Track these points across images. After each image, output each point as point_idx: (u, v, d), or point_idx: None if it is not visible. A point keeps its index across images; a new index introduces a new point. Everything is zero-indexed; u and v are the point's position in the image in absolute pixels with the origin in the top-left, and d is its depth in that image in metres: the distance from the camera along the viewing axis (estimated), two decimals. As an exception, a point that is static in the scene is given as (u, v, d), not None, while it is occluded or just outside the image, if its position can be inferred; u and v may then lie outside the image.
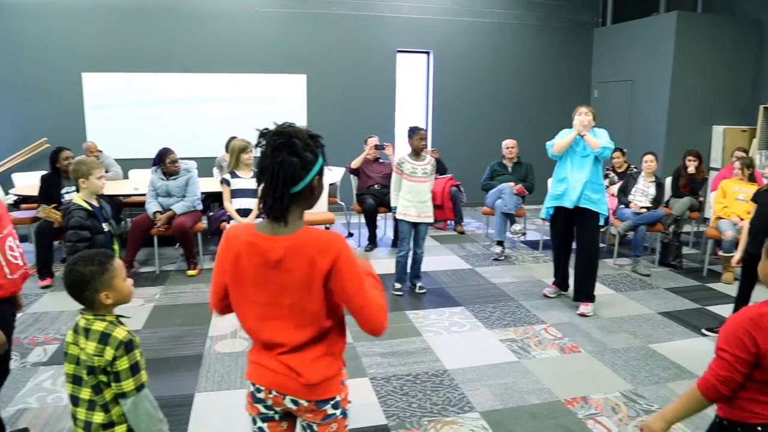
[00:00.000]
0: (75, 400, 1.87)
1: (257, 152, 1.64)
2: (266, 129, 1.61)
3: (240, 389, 3.32)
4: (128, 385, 1.79)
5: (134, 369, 1.81)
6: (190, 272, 5.45)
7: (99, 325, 1.82)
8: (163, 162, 5.45)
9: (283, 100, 8.15)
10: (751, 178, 5.63)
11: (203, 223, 5.76)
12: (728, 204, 5.63)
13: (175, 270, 5.62)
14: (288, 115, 7.93)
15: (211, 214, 5.97)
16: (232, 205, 4.96)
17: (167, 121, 7.82)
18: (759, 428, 1.61)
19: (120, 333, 1.81)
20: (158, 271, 5.53)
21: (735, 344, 1.59)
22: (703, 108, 8.03)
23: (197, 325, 4.27)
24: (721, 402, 1.67)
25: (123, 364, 1.78)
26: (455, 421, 3.04)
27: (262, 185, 1.57)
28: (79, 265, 1.84)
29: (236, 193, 4.98)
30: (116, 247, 3.65)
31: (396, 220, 5.39)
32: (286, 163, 1.54)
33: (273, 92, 8.10)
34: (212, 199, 6.62)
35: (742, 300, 4.03)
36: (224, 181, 5.00)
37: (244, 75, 7.98)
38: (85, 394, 1.84)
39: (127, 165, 7.10)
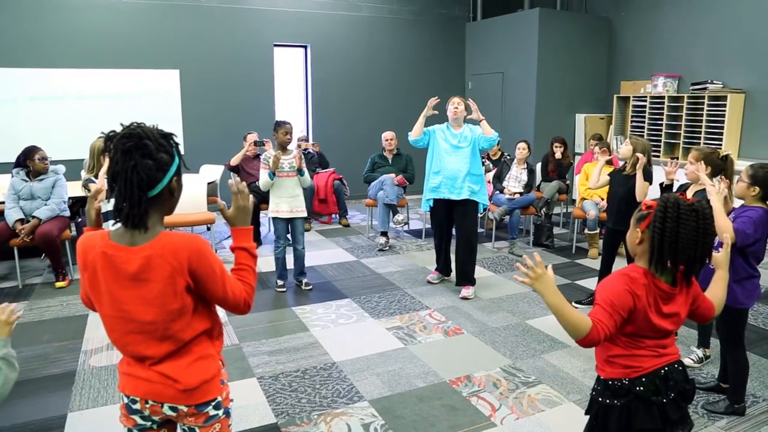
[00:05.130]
0: None
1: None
2: (113, 132, 1.53)
3: (118, 403, 3.13)
4: None
5: None
6: (59, 284, 5.04)
7: None
8: (32, 159, 5.00)
9: (154, 96, 7.74)
10: (609, 162, 6.11)
11: (72, 231, 5.35)
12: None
13: (41, 283, 5.18)
14: (161, 111, 7.64)
15: (80, 220, 5.58)
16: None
17: (26, 120, 7.17)
18: (644, 379, 1.77)
19: None
20: (21, 286, 5.06)
21: (619, 303, 1.72)
22: (567, 98, 8.64)
23: (69, 340, 3.97)
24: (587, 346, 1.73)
25: None
26: (345, 411, 3.06)
27: (115, 192, 1.49)
28: None
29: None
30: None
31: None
32: (140, 167, 1.47)
33: (143, 88, 7.68)
34: (81, 204, 6.18)
35: (605, 271, 4.38)
36: (90, 182, 4.67)
37: (110, 70, 7.48)
38: None
39: (-22, 171, 6.45)
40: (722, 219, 2.75)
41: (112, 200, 1.52)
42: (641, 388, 1.77)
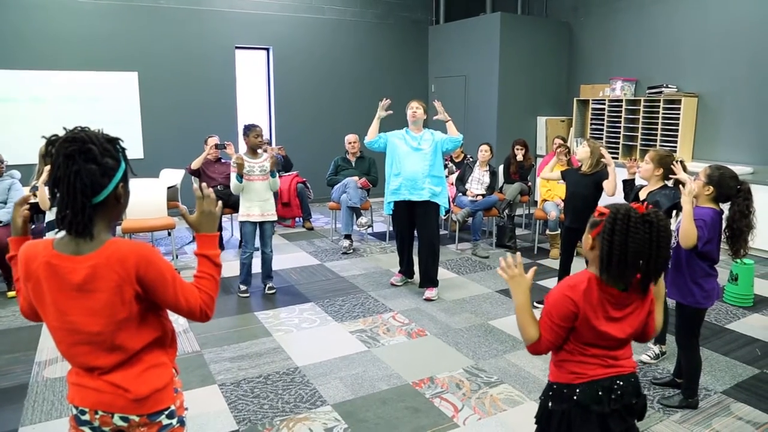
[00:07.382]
0: None
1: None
2: (55, 136, 1.48)
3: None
4: None
5: None
6: (11, 293, 4.88)
7: None
8: None
9: (111, 99, 7.55)
10: (570, 164, 6.23)
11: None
12: (551, 187, 6.20)
13: (-8, 292, 5.02)
14: (120, 114, 7.50)
15: (34, 227, 5.41)
16: None
17: (-26, 125, 6.93)
18: (584, 386, 1.79)
19: None
20: (-29, 295, 4.90)
21: (557, 314, 1.77)
22: (528, 101, 8.77)
23: (21, 351, 3.84)
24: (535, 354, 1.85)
25: None
26: (308, 416, 3.03)
27: (57, 198, 1.44)
28: None
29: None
30: None
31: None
32: (83, 172, 1.42)
33: (101, 91, 7.48)
34: (35, 211, 6.01)
35: (563, 271, 4.46)
36: (37, 189, 4.53)
37: (66, 72, 7.27)
38: None
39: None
40: (689, 223, 2.81)
41: (55, 209, 1.47)
42: (579, 395, 1.78)
